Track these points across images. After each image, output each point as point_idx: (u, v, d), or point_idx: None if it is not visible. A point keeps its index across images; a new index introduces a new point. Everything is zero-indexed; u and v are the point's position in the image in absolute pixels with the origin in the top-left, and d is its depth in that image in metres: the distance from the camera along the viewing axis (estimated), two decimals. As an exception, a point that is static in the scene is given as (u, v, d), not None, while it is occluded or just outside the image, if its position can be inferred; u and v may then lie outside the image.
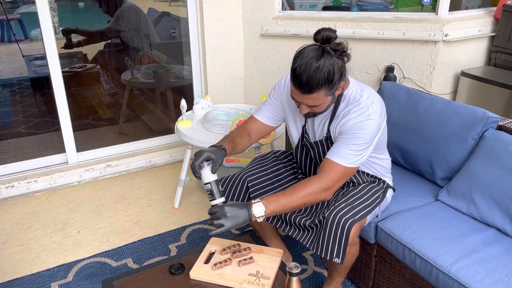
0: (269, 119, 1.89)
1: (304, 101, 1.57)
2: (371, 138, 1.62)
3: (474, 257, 1.59)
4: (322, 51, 1.50)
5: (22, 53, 4.95)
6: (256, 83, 3.36)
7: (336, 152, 1.62)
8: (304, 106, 1.60)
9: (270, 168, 1.97)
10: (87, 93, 4.46)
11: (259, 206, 1.55)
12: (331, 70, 1.49)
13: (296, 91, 1.55)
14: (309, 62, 1.48)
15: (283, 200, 1.58)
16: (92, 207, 2.77)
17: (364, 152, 1.63)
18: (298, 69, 1.50)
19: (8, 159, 3.05)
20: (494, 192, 1.76)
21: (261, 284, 1.52)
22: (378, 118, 1.62)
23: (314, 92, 1.51)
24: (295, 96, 1.58)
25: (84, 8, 5.35)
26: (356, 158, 1.62)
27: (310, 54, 1.50)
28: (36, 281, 2.16)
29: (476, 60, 2.96)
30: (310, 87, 1.50)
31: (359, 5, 3.18)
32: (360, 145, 1.60)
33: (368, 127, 1.60)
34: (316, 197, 1.61)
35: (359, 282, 2.07)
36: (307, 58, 1.49)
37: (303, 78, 1.49)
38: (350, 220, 1.63)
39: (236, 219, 1.51)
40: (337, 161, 1.61)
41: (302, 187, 1.61)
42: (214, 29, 3.12)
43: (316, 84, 1.49)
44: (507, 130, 1.89)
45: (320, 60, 1.48)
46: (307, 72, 1.48)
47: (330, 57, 1.49)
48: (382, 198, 1.81)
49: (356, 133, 1.60)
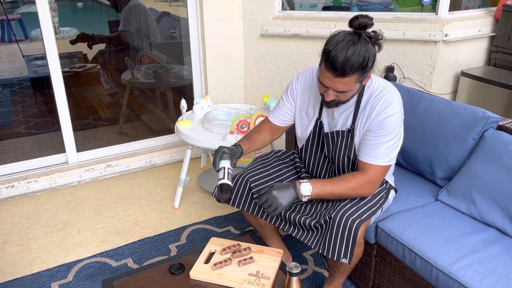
0: (280, 120, 1.93)
1: (334, 85, 1.54)
2: (400, 130, 1.66)
3: (474, 257, 1.59)
4: (358, 36, 1.49)
5: (22, 53, 4.95)
6: (256, 83, 3.36)
7: (372, 153, 1.65)
8: (331, 92, 1.57)
9: (272, 168, 1.97)
10: (87, 93, 4.47)
11: (307, 185, 1.64)
12: (366, 56, 1.48)
13: (328, 73, 1.52)
14: (346, 45, 1.47)
15: (329, 187, 1.67)
16: (92, 207, 2.77)
17: (398, 144, 1.67)
18: (333, 51, 1.47)
19: (8, 159, 3.05)
20: (494, 192, 1.76)
21: (261, 284, 1.52)
22: (401, 110, 1.66)
23: (347, 76, 1.49)
24: (325, 80, 1.55)
25: (83, 8, 5.35)
26: (393, 154, 1.67)
27: (347, 38, 1.48)
28: (36, 281, 2.16)
29: (476, 60, 2.96)
30: (344, 70, 1.48)
31: (359, 5, 3.18)
32: (393, 139, 1.64)
33: (396, 120, 1.63)
34: (360, 192, 1.69)
35: (359, 282, 2.07)
36: (343, 42, 1.47)
37: (339, 60, 1.47)
38: (358, 220, 1.62)
39: (286, 198, 1.61)
40: (376, 163, 1.65)
41: (348, 180, 1.68)
42: (214, 29, 3.12)
43: (351, 67, 1.47)
44: (507, 130, 1.89)
45: (357, 44, 1.47)
46: (343, 54, 1.46)
47: (366, 43, 1.49)
48: (385, 198, 1.82)
49: (387, 127, 1.62)
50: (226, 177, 1.70)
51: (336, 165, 1.82)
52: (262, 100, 2.75)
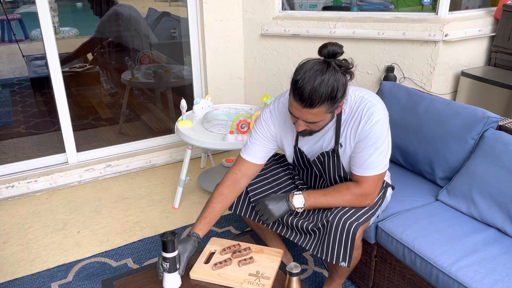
0: (263, 157, 1.78)
1: (303, 116, 1.49)
2: (388, 133, 1.64)
3: (474, 257, 1.59)
4: (327, 65, 1.44)
5: (22, 53, 4.95)
6: (256, 83, 3.36)
7: (363, 165, 1.63)
8: (301, 122, 1.53)
9: (269, 172, 1.95)
10: (87, 93, 4.47)
11: (300, 198, 1.67)
12: (335, 86, 1.43)
13: (296, 104, 1.47)
14: (314, 75, 1.42)
15: (322, 199, 1.67)
16: (92, 207, 2.77)
17: (388, 148, 1.65)
18: (300, 81, 1.43)
19: (8, 159, 3.05)
20: (494, 192, 1.76)
21: (261, 284, 1.52)
22: (385, 112, 1.63)
23: (315, 107, 1.45)
24: (294, 110, 1.50)
25: (82, 8, 5.36)
26: (385, 160, 1.64)
27: (315, 67, 1.43)
28: (36, 281, 2.16)
29: (476, 60, 2.96)
30: (312, 100, 1.43)
31: (359, 5, 3.18)
32: (382, 145, 1.61)
33: (383, 125, 1.60)
34: (356, 204, 1.67)
35: (359, 282, 2.07)
36: (311, 71, 1.42)
37: (306, 90, 1.42)
38: (355, 223, 1.61)
39: (278, 211, 1.67)
40: (370, 174, 1.63)
41: (342, 193, 1.67)
42: (214, 29, 3.12)
43: (319, 98, 1.42)
44: (507, 130, 1.89)
45: (325, 74, 1.42)
46: (310, 84, 1.41)
47: (335, 72, 1.43)
48: (383, 198, 1.81)
49: (373, 136, 1.58)
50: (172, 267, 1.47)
51: (328, 181, 1.81)
52: (262, 100, 2.75)
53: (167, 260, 1.46)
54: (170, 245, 1.44)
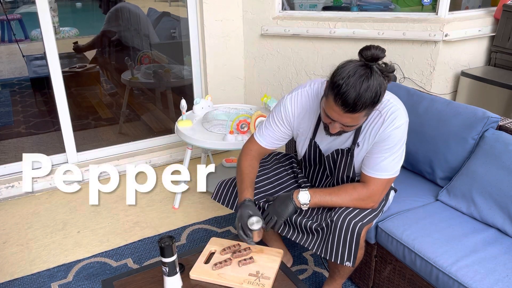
0: (273, 143, 1.82)
1: (342, 119, 1.46)
2: (405, 140, 1.63)
3: (474, 257, 1.59)
4: (371, 70, 1.40)
5: (22, 53, 4.95)
6: (256, 83, 3.36)
7: (376, 166, 1.63)
8: (337, 125, 1.50)
9: (271, 171, 1.95)
10: (87, 93, 4.47)
11: (306, 194, 1.66)
12: (378, 91, 1.40)
13: (337, 108, 1.43)
14: (359, 81, 1.37)
15: (328, 198, 1.67)
16: (92, 207, 2.77)
17: (403, 154, 1.65)
18: (344, 86, 1.38)
19: (8, 159, 3.04)
20: (494, 192, 1.76)
21: (261, 284, 1.52)
22: (407, 119, 1.62)
23: (357, 112, 1.42)
24: (333, 114, 1.46)
25: (82, 8, 5.36)
26: (397, 166, 1.65)
27: (358, 72, 1.38)
28: (36, 281, 2.16)
29: (476, 60, 2.96)
30: (356, 106, 1.39)
31: (359, 5, 3.18)
32: (398, 150, 1.61)
33: (403, 130, 1.60)
34: (361, 205, 1.67)
35: (359, 282, 2.07)
36: (355, 76, 1.37)
37: (350, 96, 1.37)
38: (360, 223, 1.61)
39: (286, 211, 1.66)
40: (380, 176, 1.63)
41: (348, 193, 1.66)
42: (214, 29, 3.12)
43: (363, 104, 1.39)
44: (507, 130, 1.89)
45: (370, 79, 1.38)
46: (356, 90, 1.37)
47: (378, 77, 1.40)
48: (386, 200, 1.82)
49: (392, 139, 1.58)
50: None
51: (335, 180, 1.81)
52: (262, 100, 2.75)
53: (166, 265, 1.48)
54: (168, 250, 1.46)
